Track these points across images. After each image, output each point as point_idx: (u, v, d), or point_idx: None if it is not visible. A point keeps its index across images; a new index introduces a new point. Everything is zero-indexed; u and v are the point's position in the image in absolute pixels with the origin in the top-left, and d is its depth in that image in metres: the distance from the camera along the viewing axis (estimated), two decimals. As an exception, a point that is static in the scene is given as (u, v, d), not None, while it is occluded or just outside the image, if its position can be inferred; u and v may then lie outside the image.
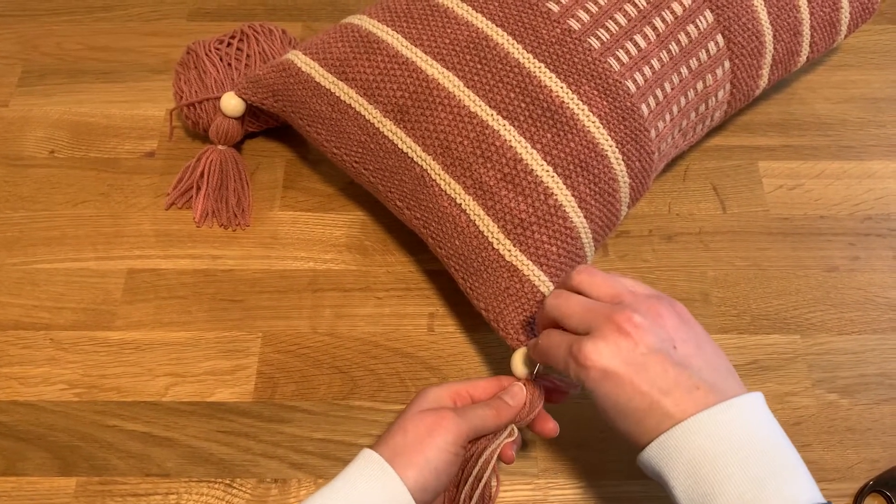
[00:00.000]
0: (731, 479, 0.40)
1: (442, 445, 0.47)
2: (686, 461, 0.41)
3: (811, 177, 0.73)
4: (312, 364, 0.63)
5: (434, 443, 0.47)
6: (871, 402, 0.62)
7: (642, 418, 0.43)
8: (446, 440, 0.47)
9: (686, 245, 0.69)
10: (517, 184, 0.56)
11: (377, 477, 0.46)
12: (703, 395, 0.42)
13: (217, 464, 0.59)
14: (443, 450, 0.47)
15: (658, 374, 0.43)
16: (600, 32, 0.58)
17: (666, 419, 0.42)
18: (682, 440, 0.42)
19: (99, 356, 0.63)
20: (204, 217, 0.69)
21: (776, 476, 0.40)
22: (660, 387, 0.43)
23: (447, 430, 0.47)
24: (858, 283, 0.67)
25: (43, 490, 0.58)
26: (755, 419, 0.43)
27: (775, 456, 0.41)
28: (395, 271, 0.67)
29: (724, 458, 0.40)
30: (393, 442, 0.47)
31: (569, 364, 0.45)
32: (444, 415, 0.48)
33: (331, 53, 0.61)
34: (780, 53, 0.67)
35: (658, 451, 0.42)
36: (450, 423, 0.47)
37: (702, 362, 0.44)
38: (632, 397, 0.43)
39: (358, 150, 0.61)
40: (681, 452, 0.42)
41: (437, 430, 0.47)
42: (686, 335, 0.45)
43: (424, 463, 0.46)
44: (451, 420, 0.48)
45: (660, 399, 0.42)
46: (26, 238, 0.69)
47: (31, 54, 0.81)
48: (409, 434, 0.47)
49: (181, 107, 0.70)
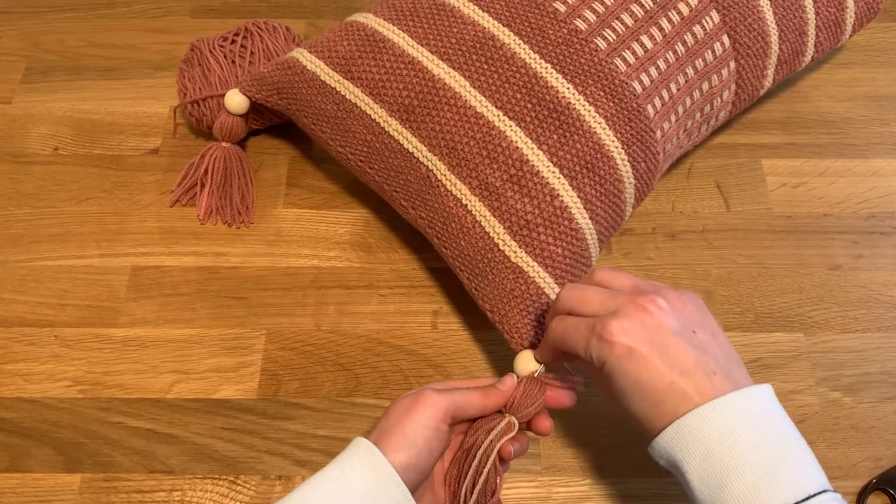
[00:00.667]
0: (747, 465, 0.40)
1: (420, 420, 0.47)
2: (702, 445, 0.42)
3: (815, 175, 0.73)
4: (316, 361, 0.63)
5: (412, 418, 0.47)
6: (875, 401, 0.62)
7: (661, 399, 0.43)
8: (425, 415, 0.47)
9: (690, 243, 0.69)
10: (523, 185, 0.56)
11: (365, 459, 0.46)
12: (719, 380, 0.43)
13: (221, 460, 0.59)
14: (421, 424, 0.47)
15: (679, 355, 0.44)
16: (607, 33, 0.58)
17: (683, 401, 0.43)
18: (700, 424, 0.42)
19: (103, 353, 0.63)
20: (208, 214, 0.70)
21: (788, 462, 0.41)
22: (680, 368, 0.43)
23: (425, 406, 0.47)
24: (862, 282, 0.67)
25: (47, 486, 0.58)
26: (768, 408, 0.43)
27: (787, 444, 0.42)
28: (398, 269, 0.68)
29: (741, 443, 0.41)
30: (378, 426, 0.48)
31: (590, 342, 0.45)
32: (422, 392, 0.48)
33: (336, 52, 0.61)
34: (785, 53, 0.66)
35: (674, 435, 0.43)
36: (427, 399, 0.48)
37: (717, 350, 0.45)
38: (652, 375, 0.43)
39: (363, 149, 0.61)
40: (696, 436, 0.42)
41: (415, 407, 0.47)
42: (703, 323, 0.46)
43: (404, 439, 0.46)
44: (430, 396, 0.48)
45: (679, 380, 0.43)
46: (30, 235, 0.69)
47: (35, 51, 0.81)
48: (391, 417, 0.48)
49: (185, 104, 0.70)
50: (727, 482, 0.40)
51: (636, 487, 0.58)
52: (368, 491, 0.45)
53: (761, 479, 0.40)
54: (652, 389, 0.43)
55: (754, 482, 0.40)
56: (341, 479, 0.46)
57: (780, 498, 0.39)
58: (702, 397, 0.42)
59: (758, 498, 0.39)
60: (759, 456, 0.41)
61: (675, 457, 0.43)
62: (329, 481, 0.46)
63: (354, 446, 0.47)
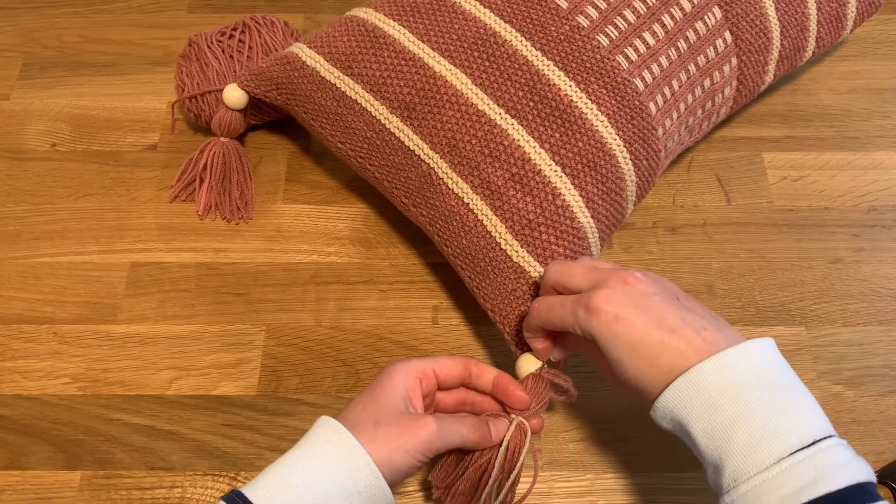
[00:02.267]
0: (752, 414, 0.41)
1: (411, 450, 0.47)
2: (706, 399, 0.42)
3: (816, 168, 0.73)
4: (316, 357, 0.63)
5: (404, 445, 0.46)
6: (877, 394, 0.61)
7: (655, 357, 0.44)
8: (417, 448, 0.47)
9: (690, 237, 0.69)
10: (525, 184, 0.55)
11: (341, 449, 0.46)
12: (710, 335, 0.44)
13: (221, 457, 0.59)
14: (409, 453, 0.47)
15: (665, 313, 0.45)
16: (609, 30, 0.58)
17: (678, 357, 0.43)
18: (703, 379, 0.42)
19: (102, 350, 0.63)
20: (207, 210, 0.69)
21: (793, 410, 0.41)
22: (669, 325, 0.44)
23: (420, 441, 0.47)
24: (863, 275, 0.67)
25: (47, 484, 0.58)
26: (772, 359, 0.44)
27: (790, 392, 0.42)
28: (398, 264, 0.67)
29: (745, 395, 0.41)
30: (362, 429, 0.47)
31: (577, 314, 0.46)
32: (424, 423, 0.47)
33: (336, 48, 0.61)
34: (786, 49, 0.66)
35: (677, 393, 0.43)
36: (425, 435, 0.47)
37: (703, 311, 0.46)
38: (641, 335, 0.44)
39: (363, 145, 0.61)
40: (700, 391, 0.42)
41: (410, 436, 0.47)
42: (685, 295, 0.48)
43: (387, 460, 0.46)
44: (429, 431, 0.47)
45: (668, 336, 0.44)
46: (29, 232, 0.69)
47: (32, 47, 0.81)
48: (380, 429, 0.47)
49: (183, 99, 0.70)
50: (732, 433, 0.41)
51: (637, 482, 0.58)
52: (338, 474, 0.45)
53: (767, 427, 0.40)
54: (646, 348, 0.44)
55: (760, 430, 0.40)
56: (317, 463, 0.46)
57: (785, 444, 0.40)
58: (696, 352, 0.43)
59: (763, 446, 0.40)
60: (763, 405, 0.41)
61: (678, 414, 0.43)
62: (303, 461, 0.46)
63: (334, 433, 0.47)
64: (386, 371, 0.50)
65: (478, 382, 0.53)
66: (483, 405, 0.54)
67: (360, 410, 0.48)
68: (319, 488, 0.45)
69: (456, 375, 0.53)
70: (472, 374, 0.53)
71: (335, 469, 0.45)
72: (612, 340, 0.45)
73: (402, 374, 0.50)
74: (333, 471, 0.45)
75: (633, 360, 0.44)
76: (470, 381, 0.53)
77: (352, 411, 0.48)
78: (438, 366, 0.52)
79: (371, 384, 0.50)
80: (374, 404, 0.48)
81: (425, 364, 0.51)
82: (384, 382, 0.49)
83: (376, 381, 0.50)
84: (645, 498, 0.58)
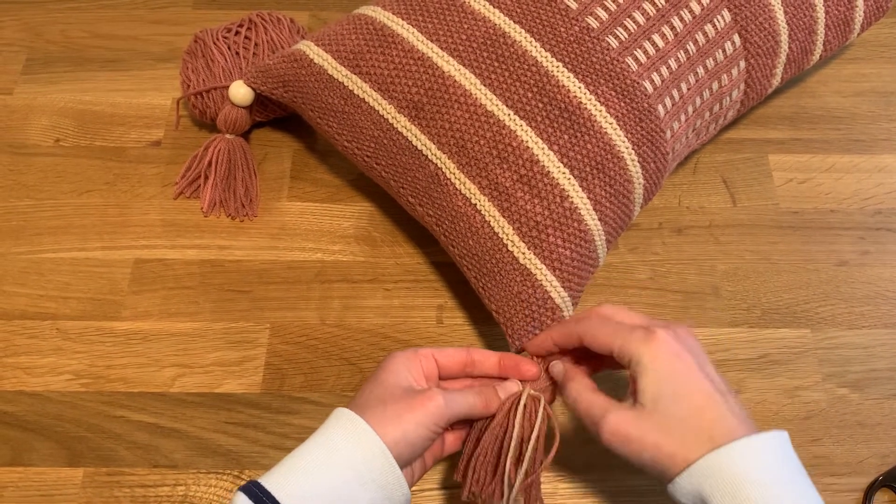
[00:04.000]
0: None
1: (422, 421, 0.47)
2: (731, 482, 0.40)
3: (822, 170, 0.73)
4: (321, 355, 0.63)
5: (414, 418, 0.46)
6: (882, 397, 0.61)
7: (699, 409, 0.43)
8: (428, 419, 0.47)
9: (696, 238, 0.69)
10: (533, 185, 0.55)
11: (355, 436, 0.46)
12: (743, 418, 0.43)
13: (225, 455, 0.58)
14: (422, 425, 0.47)
15: (716, 376, 0.44)
16: (618, 31, 0.58)
17: (721, 420, 0.42)
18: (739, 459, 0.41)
19: (105, 346, 0.63)
20: (212, 207, 0.69)
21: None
22: (721, 387, 0.44)
23: (429, 412, 0.47)
24: (868, 278, 0.67)
25: (50, 481, 0.57)
26: (790, 454, 0.43)
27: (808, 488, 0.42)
28: (403, 263, 0.67)
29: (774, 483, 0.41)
30: (371, 412, 0.47)
31: (634, 336, 0.45)
32: (430, 395, 0.47)
33: (344, 46, 0.61)
34: (794, 52, 0.66)
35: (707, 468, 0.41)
36: (433, 406, 0.47)
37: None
38: (699, 385, 0.43)
39: (370, 144, 0.61)
40: (730, 471, 0.41)
41: (418, 408, 0.47)
42: None
43: (402, 436, 0.46)
44: (436, 402, 0.47)
45: (720, 396, 0.43)
46: (32, 227, 0.68)
47: (36, 42, 0.80)
48: (388, 408, 0.47)
49: (188, 95, 0.70)
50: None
51: (640, 484, 0.58)
52: (356, 464, 0.45)
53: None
54: (696, 395, 0.43)
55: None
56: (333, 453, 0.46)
57: None
58: (739, 422, 0.42)
59: None
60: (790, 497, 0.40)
61: (701, 490, 0.41)
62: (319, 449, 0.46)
63: (349, 421, 0.47)
64: (386, 358, 0.51)
65: (482, 368, 0.53)
66: None
67: (368, 395, 0.48)
68: (336, 475, 0.44)
69: (457, 361, 0.52)
70: (475, 360, 0.53)
71: (351, 456, 0.45)
72: (667, 375, 0.43)
73: (403, 358, 0.50)
74: (349, 458, 0.45)
75: (676, 403, 0.43)
76: (473, 369, 0.53)
77: (360, 397, 0.49)
78: (438, 351, 0.52)
79: (374, 372, 0.50)
80: (379, 387, 0.48)
81: (424, 349, 0.51)
82: (386, 367, 0.50)
83: (378, 368, 0.50)
84: (649, 499, 0.58)
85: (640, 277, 0.67)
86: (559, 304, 0.55)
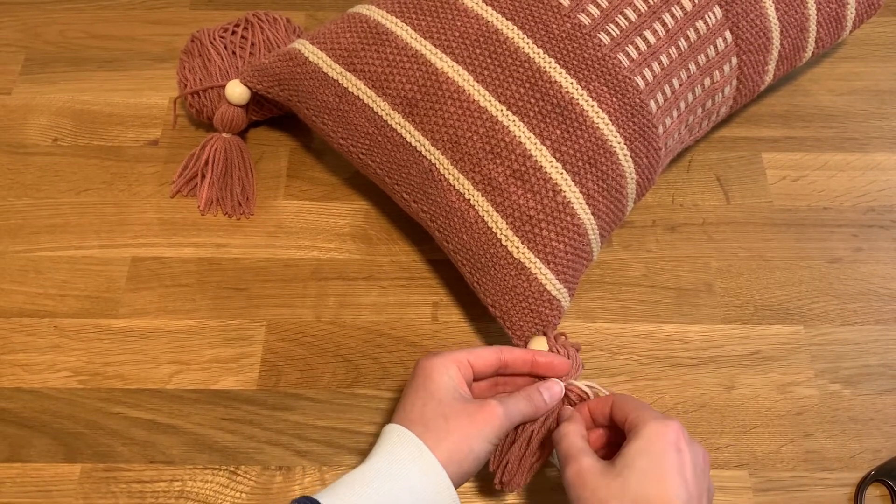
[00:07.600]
0: None
1: (488, 437, 0.48)
2: None
3: (815, 168, 0.73)
4: (317, 352, 0.63)
5: (480, 434, 0.47)
6: (874, 393, 0.62)
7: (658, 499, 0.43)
8: (492, 434, 0.48)
9: (690, 235, 0.69)
10: (526, 180, 0.56)
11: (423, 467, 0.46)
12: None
13: (221, 451, 0.59)
14: (487, 440, 0.48)
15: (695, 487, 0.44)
16: (610, 28, 0.58)
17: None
18: None
19: (103, 344, 0.63)
20: (209, 205, 0.69)
21: None
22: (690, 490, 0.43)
23: (494, 427, 0.48)
24: (861, 275, 0.67)
25: (47, 477, 0.58)
26: None
27: None
28: (398, 260, 0.68)
29: None
30: (435, 426, 0.47)
31: (648, 412, 0.46)
32: (491, 409, 0.48)
33: (339, 44, 0.61)
34: (786, 49, 0.67)
35: None
36: (497, 420, 0.48)
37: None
38: (672, 477, 0.43)
39: (365, 141, 0.61)
40: None
41: (482, 423, 0.48)
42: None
43: (468, 451, 0.47)
44: (498, 416, 0.48)
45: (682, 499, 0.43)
46: (30, 226, 0.69)
47: (34, 42, 0.81)
48: (450, 423, 0.47)
49: (185, 95, 0.70)
50: None
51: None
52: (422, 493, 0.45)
53: None
54: (657, 484, 0.43)
55: None
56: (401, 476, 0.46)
57: None
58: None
59: None
60: None
61: None
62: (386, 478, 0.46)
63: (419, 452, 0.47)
64: (425, 366, 0.50)
65: (514, 368, 0.54)
66: (518, 385, 0.54)
67: (422, 408, 0.48)
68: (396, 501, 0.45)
69: (489, 363, 0.53)
70: (507, 361, 0.53)
71: (420, 489, 0.45)
72: (653, 453, 0.44)
73: (443, 367, 0.50)
74: (418, 491, 0.45)
75: (641, 480, 0.43)
76: (506, 369, 0.54)
77: (413, 412, 0.49)
78: (473, 356, 0.52)
79: (415, 382, 0.50)
80: (433, 400, 0.48)
81: (459, 354, 0.51)
82: (431, 376, 0.49)
83: (421, 377, 0.50)
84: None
85: (633, 275, 0.67)
86: (556, 296, 0.56)
